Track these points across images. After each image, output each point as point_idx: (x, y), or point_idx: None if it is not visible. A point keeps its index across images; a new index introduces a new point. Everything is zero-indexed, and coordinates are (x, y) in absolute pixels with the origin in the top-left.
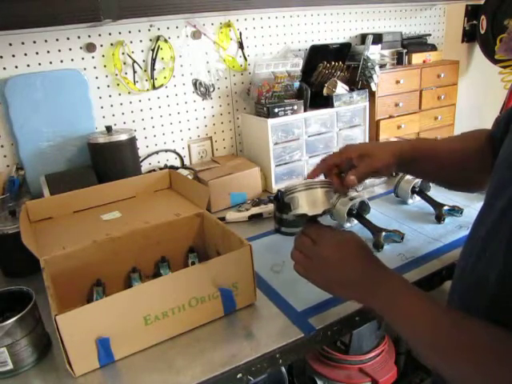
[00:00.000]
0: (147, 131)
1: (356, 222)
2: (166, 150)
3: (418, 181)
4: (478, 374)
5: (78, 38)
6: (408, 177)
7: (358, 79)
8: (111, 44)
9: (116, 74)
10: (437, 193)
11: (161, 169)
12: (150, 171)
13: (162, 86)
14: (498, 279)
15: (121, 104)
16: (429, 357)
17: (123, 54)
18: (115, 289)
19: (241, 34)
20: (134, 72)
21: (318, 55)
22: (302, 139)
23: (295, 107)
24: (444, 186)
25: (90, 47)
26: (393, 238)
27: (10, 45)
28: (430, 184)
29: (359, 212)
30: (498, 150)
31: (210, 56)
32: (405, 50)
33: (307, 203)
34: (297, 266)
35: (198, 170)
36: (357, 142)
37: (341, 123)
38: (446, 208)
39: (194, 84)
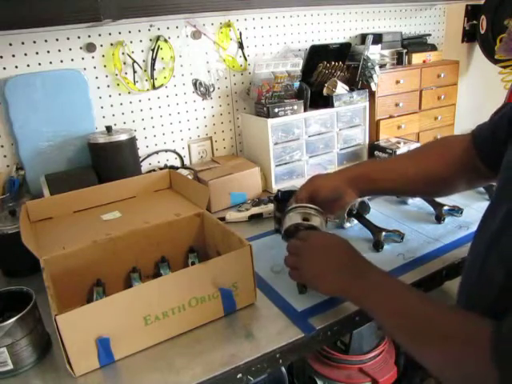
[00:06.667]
0: (147, 131)
1: (356, 221)
2: (166, 150)
3: None
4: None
5: (78, 38)
6: None
7: (358, 79)
8: (111, 44)
9: (116, 74)
10: None
11: (161, 169)
12: (149, 171)
13: (162, 85)
14: (506, 275)
15: (121, 104)
16: (407, 343)
17: (123, 54)
18: (115, 289)
19: (241, 33)
20: (134, 72)
21: (318, 55)
22: (302, 139)
23: (295, 107)
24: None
25: (90, 47)
26: (393, 238)
27: (10, 45)
28: None
29: (359, 212)
30: (488, 151)
31: (210, 56)
32: (405, 50)
33: None
34: (291, 271)
35: (197, 169)
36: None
37: (341, 123)
38: (445, 208)
39: (194, 84)
